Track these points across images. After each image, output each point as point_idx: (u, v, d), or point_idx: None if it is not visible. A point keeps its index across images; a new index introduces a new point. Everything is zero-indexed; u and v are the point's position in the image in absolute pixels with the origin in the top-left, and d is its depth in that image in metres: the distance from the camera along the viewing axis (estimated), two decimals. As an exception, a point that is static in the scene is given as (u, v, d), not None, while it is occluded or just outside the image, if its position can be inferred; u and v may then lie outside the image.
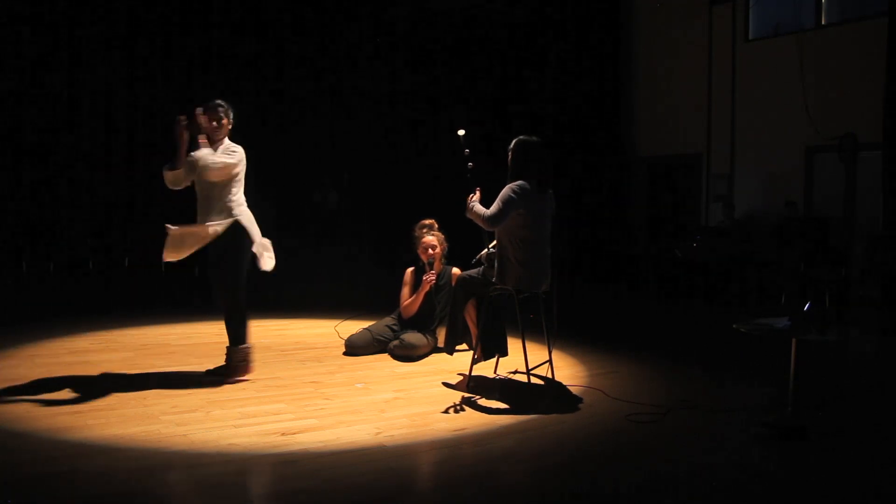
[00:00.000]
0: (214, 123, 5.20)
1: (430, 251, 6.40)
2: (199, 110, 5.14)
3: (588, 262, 12.11)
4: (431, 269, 6.35)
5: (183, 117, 5.12)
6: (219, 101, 5.29)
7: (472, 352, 5.50)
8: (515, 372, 5.64)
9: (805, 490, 3.65)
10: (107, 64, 9.85)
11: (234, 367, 5.29)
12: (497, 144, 6.82)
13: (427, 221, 6.54)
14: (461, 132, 5.48)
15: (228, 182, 5.19)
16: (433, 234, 6.46)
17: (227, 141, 5.28)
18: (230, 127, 5.30)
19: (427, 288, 6.34)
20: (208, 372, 5.39)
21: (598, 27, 12.53)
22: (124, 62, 9.91)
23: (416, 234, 6.48)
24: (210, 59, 10.32)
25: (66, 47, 9.63)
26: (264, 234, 5.41)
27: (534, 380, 5.27)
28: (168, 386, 5.19)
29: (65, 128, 9.65)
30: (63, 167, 9.65)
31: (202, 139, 5.18)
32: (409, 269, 6.55)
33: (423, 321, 6.42)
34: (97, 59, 9.81)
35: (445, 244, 6.53)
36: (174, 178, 5.22)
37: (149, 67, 10.02)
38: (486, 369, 5.61)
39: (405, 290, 6.51)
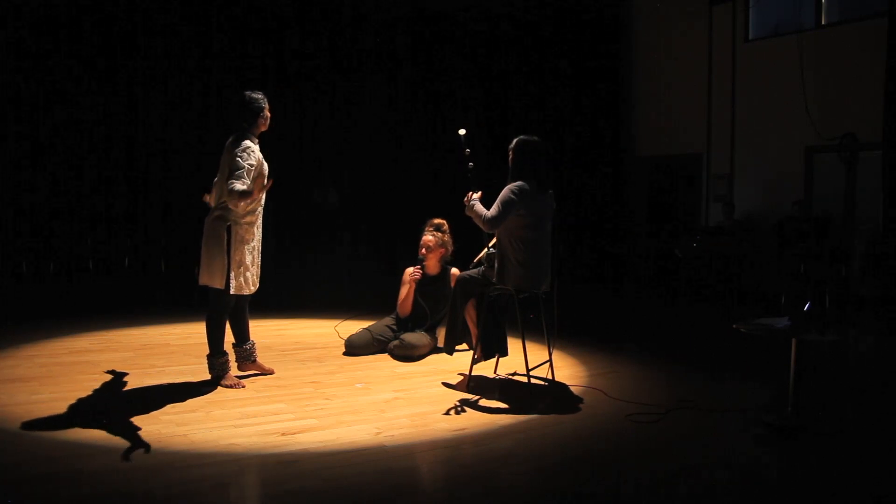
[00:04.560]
0: None
1: (423, 250, 6.44)
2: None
3: (588, 262, 12.11)
4: (419, 267, 6.41)
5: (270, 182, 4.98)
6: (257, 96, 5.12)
7: (472, 352, 5.50)
8: (515, 374, 5.64)
9: (805, 490, 3.65)
10: (106, 64, 9.85)
11: (212, 376, 5.22)
12: (497, 144, 6.83)
13: (436, 221, 6.56)
14: (462, 132, 5.48)
15: None
16: (433, 234, 6.48)
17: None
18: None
19: (412, 285, 6.38)
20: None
21: (598, 27, 12.53)
22: (123, 62, 9.90)
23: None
24: (209, 58, 10.31)
25: (66, 45, 9.63)
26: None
27: (534, 380, 5.27)
28: (168, 386, 5.20)
29: (64, 127, 9.63)
30: (63, 166, 9.64)
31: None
32: (409, 269, 6.57)
33: (420, 321, 6.44)
34: (95, 58, 9.80)
35: (450, 247, 6.54)
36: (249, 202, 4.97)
37: (147, 68, 10.01)
38: (486, 369, 5.61)
39: (403, 290, 6.53)
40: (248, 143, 5.01)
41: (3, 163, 9.26)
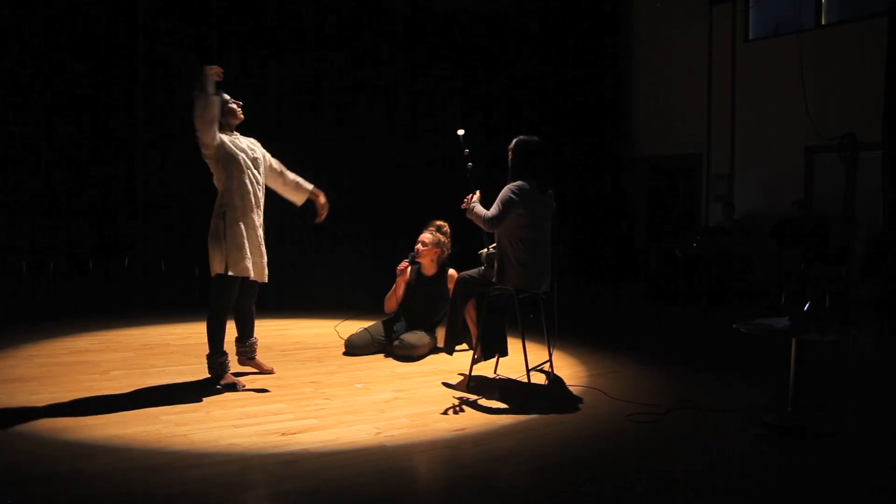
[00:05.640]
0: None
1: (418, 246, 6.46)
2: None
3: (588, 262, 12.10)
4: (413, 263, 6.44)
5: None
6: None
7: (472, 352, 5.50)
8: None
9: (805, 490, 3.65)
10: (105, 64, 9.84)
11: (212, 376, 5.21)
12: (497, 144, 6.80)
13: (438, 222, 6.58)
14: (460, 132, 5.48)
15: None
16: (431, 234, 6.48)
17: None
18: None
19: (400, 279, 6.40)
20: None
21: (598, 27, 12.53)
22: (122, 60, 9.89)
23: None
24: (209, 59, 10.29)
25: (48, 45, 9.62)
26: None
27: (534, 380, 5.27)
28: (168, 386, 5.20)
29: (64, 126, 9.63)
30: (61, 166, 9.64)
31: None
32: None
33: (416, 320, 6.45)
34: (92, 56, 9.79)
35: (447, 249, 6.54)
36: (210, 110, 5.14)
37: (146, 65, 10.00)
38: (486, 369, 5.61)
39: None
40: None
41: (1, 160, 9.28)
